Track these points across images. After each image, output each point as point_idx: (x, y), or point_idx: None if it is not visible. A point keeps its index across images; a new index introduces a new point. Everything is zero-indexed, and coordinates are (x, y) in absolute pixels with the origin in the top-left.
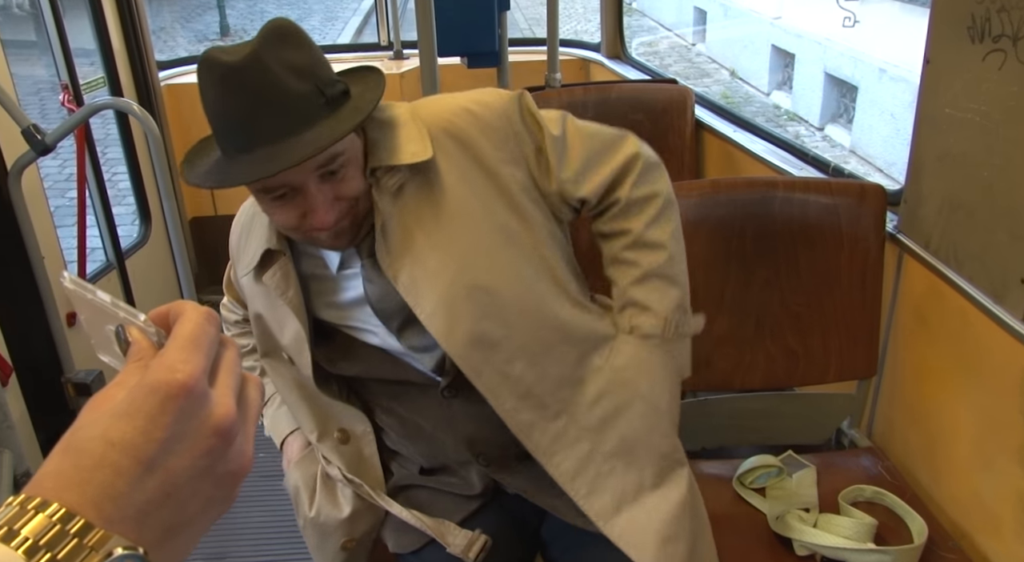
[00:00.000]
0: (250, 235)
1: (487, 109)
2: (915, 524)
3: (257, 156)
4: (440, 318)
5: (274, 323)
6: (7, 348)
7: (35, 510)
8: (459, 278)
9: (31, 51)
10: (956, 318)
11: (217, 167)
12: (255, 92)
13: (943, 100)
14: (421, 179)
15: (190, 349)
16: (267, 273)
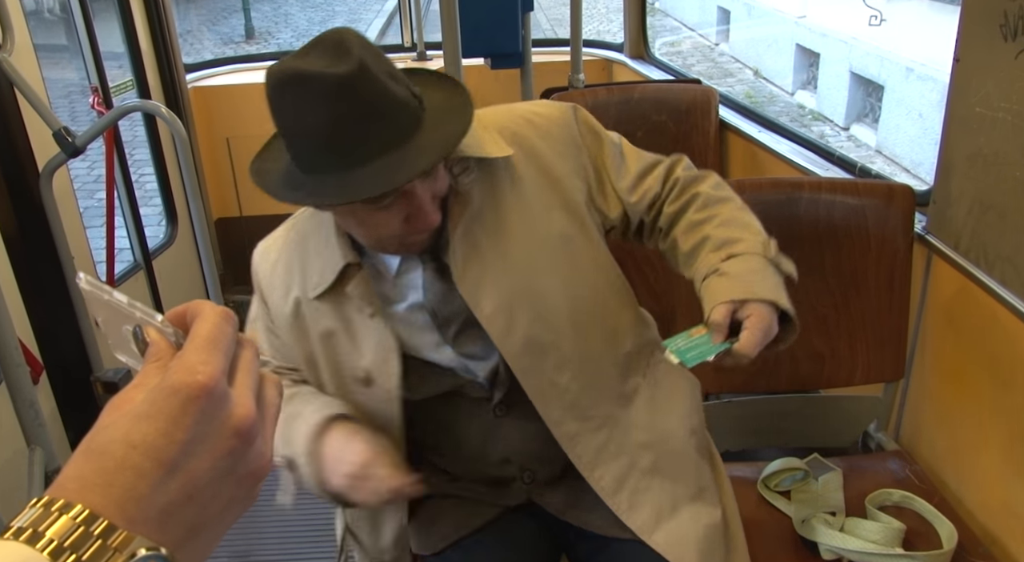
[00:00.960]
0: (305, 258)
1: (546, 119)
2: (944, 529)
3: (378, 167)
4: (499, 319)
5: (349, 341)
6: (38, 347)
7: (59, 512)
8: (519, 282)
9: (62, 55)
10: (986, 320)
11: (324, 183)
12: (368, 103)
13: (974, 99)
14: (488, 182)
15: (209, 350)
16: (348, 287)
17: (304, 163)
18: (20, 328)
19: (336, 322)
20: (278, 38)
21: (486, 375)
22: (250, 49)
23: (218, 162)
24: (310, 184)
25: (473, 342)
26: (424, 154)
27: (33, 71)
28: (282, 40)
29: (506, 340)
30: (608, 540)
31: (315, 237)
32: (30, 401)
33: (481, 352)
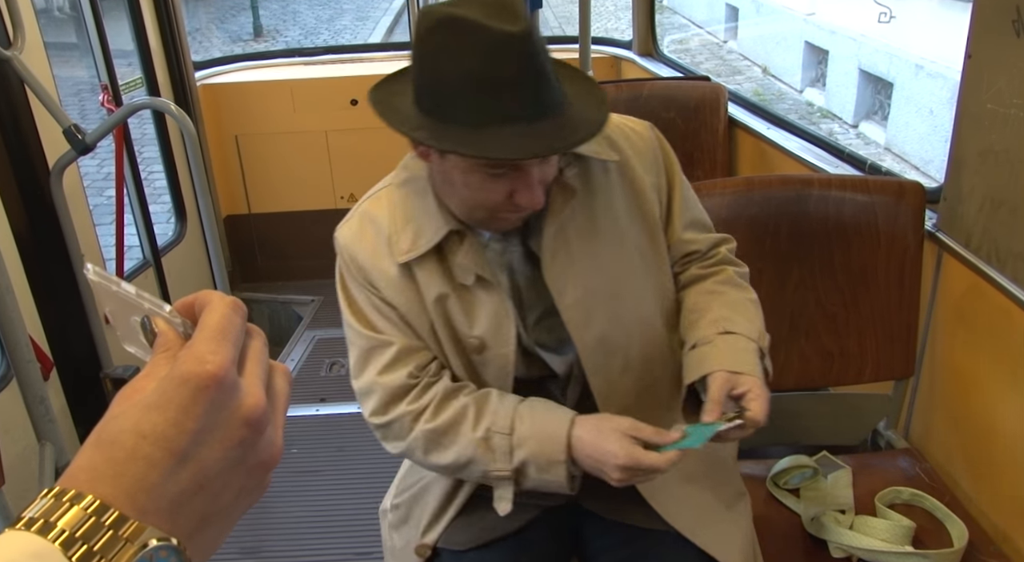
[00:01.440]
0: (403, 226)
1: (637, 134)
2: (955, 528)
3: (540, 129)
4: (579, 312)
5: (461, 308)
6: (48, 343)
7: (70, 502)
8: (600, 282)
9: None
10: (998, 318)
11: (478, 136)
12: (534, 66)
13: (985, 95)
14: (588, 181)
15: (218, 339)
16: (458, 254)
17: (451, 112)
18: (30, 325)
19: (447, 288)
20: (286, 36)
21: (563, 371)
22: (258, 47)
23: (227, 159)
24: (461, 134)
25: (548, 332)
26: (578, 128)
27: (44, 69)
28: (290, 38)
29: (583, 333)
30: (644, 531)
31: (406, 205)
32: (40, 397)
33: (553, 344)
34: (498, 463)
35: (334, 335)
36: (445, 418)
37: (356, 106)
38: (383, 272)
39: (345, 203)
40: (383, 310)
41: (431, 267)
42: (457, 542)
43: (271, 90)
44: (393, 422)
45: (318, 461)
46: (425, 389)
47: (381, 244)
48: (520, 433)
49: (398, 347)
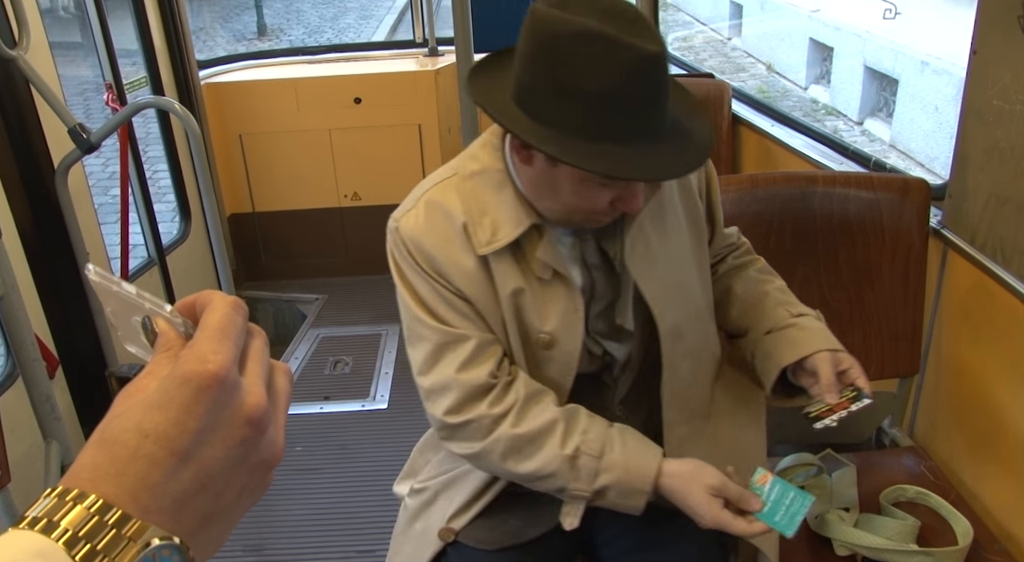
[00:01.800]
0: (477, 218)
1: None
2: (960, 525)
3: (661, 149)
4: (661, 298)
5: (534, 303)
6: (53, 342)
7: (73, 502)
8: (673, 273)
9: (77, 52)
10: (1004, 315)
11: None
12: (664, 85)
13: (991, 92)
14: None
15: (220, 339)
16: (538, 250)
17: (578, 124)
18: (36, 323)
19: (523, 282)
20: (290, 35)
21: (623, 358)
22: (262, 46)
23: (231, 158)
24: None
25: (607, 323)
26: (699, 147)
27: (48, 68)
28: (294, 36)
29: (663, 317)
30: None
31: (480, 196)
32: (46, 395)
33: (612, 334)
34: (580, 483)
35: (338, 333)
36: (532, 427)
37: (360, 104)
38: (457, 263)
39: (349, 201)
40: (455, 303)
41: (507, 260)
42: (477, 540)
43: (275, 89)
44: (471, 422)
45: (321, 459)
46: (505, 390)
47: (455, 234)
48: (609, 459)
49: (476, 342)
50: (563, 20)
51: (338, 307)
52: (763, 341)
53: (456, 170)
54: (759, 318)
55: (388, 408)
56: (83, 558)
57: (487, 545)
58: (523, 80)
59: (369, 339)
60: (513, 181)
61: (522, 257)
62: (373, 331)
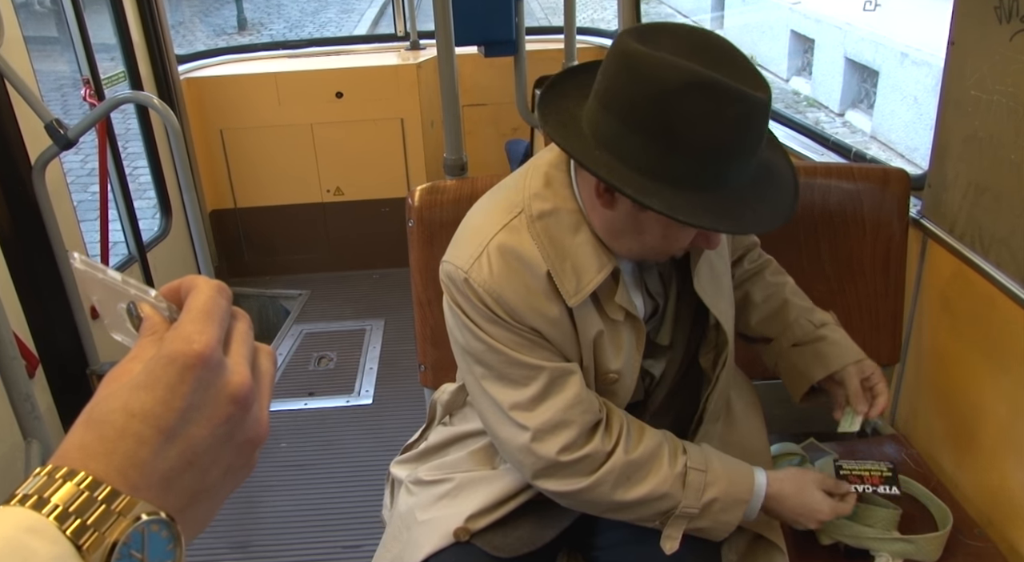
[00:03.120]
0: (559, 265)
1: None
2: (940, 512)
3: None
4: (727, 317)
5: (611, 343)
6: (33, 341)
7: (63, 479)
8: (724, 289)
9: (53, 47)
10: (982, 304)
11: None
12: (765, 130)
13: (969, 82)
14: None
15: (204, 320)
16: (616, 293)
17: (681, 173)
18: (15, 322)
19: (602, 324)
20: (271, 29)
21: (659, 373)
22: (243, 41)
23: (212, 154)
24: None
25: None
26: (784, 188)
27: (24, 63)
28: (275, 31)
29: (730, 336)
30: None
31: (557, 239)
32: (26, 395)
33: (651, 351)
34: (689, 499)
35: (322, 329)
36: (643, 451)
37: (341, 99)
38: (542, 313)
39: (331, 196)
40: (538, 341)
41: (588, 305)
42: (493, 546)
43: (256, 83)
44: (586, 458)
45: (306, 455)
46: (610, 421)
47: (537, 283)
48: (715, 471)
49: (579, 378)
50: (670, 66)
51: (321, 303)
52: (790, 353)
53: (521, 208)
54: (782, 328)
55: (372, 403)
56: (74, 532)
57: (502, 552)
58: (613, 125)
59: (353, 334)
60: (587, 221)
61: (598, 300)
62: (357, 326)
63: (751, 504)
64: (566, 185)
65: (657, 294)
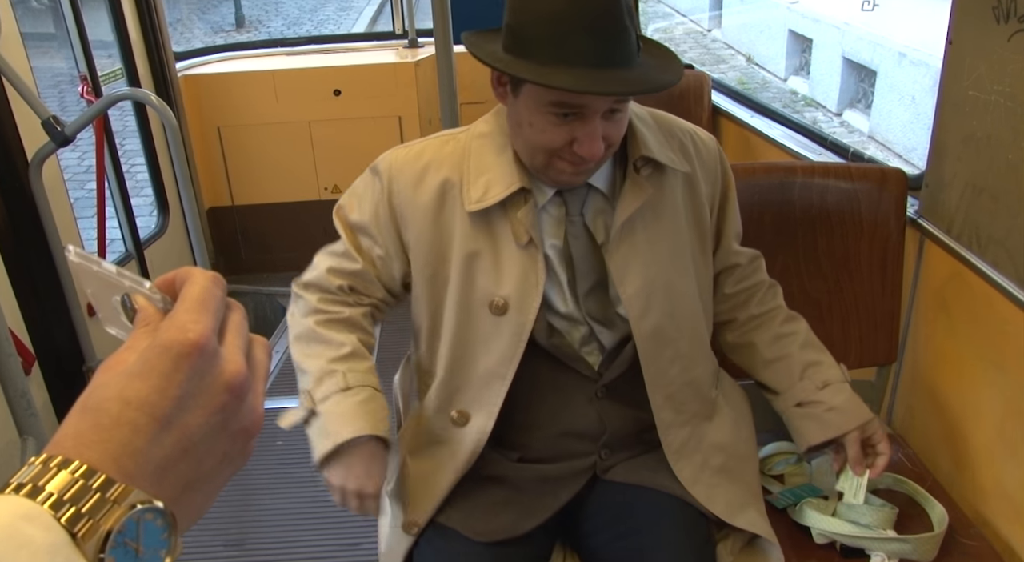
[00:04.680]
0: (469, 172)
1: (704, 144)
2: (935, 512)
3: (593, 75)
4: (639, 302)
5: (493, 266)
6: (29, 338)
7: (57, 467)
8: (660, 276)
9: (50, 44)
10: (979, 304)
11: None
12: (617, 13)
13: (967, 82)
14: (658, 183)
15: (199, 310)
16: (520, 211)
17: (530, 49)
18: (11, 319)
19: (484, 244)
20: (269, 26)
21: (612, 345)
22: (241, 38)
23: (209, 151)
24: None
25: (600, 306)
26: (646, 83)
27: (21, 60)
28: (273, 28)
29: (640, 322)
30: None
31: (482, 156)
32: (22, 391)
33: (603, 318)
34: (315, 393)
35: None
36: (328, 334)
37: (339, 96)
38: (415, 209)
39: (329, 194)
40: (378, 240)
41: (478, 221)
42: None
43: (253, 81)
44: (300, 299)
45: (302, 453)
46: (340, 303)
47: (433, 186)
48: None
49: (360, 268)
50: None
51: None
52: (792, 413)
53: (469, 129)
54: (787, 385)
55: None
56: (68, 520)
57: (483, 537)
58: (504, 21)
59: None
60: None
61: (496, 219)
62: None
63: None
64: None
65: (579, 243)
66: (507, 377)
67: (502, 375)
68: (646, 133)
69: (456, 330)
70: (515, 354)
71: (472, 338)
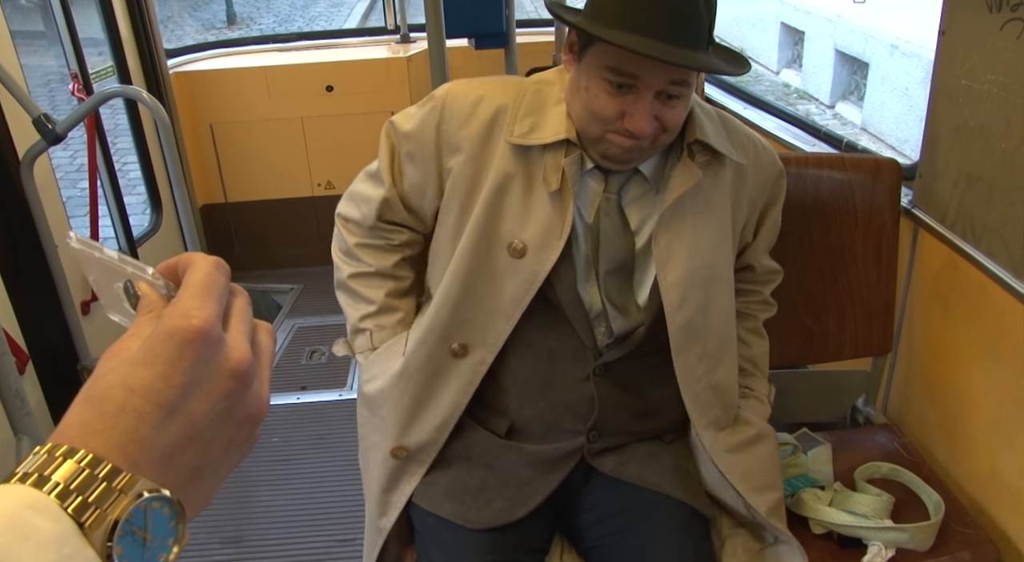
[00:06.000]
0: (520, 111)
1: (764, 151)
2: (932, 500)
3: (654, 44)
4: (678, 291)
5: (522, 203)
6: (23, 337)
7: (63, 457)
8: (701, 269)
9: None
10: (974, 293)
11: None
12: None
13: (959, 72)
14: (713, 173)
15: (202, 296)
16: (567, 159)
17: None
18: (4, 318)
19: (518, 182)
20: (260, 23)
21: (622, 332)
22: (232, 35)
23: (202, 148)
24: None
25: (618, 290)
26: (708, 66)
27: (10, 58)
28: (264, 25)
29: (677, 312)
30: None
31: (537, 99)
32: (16, 390)
33: (620, 303)
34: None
35: (314, 323)
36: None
37: (332, 92)
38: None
39: (322, 190)
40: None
41: (517, 158)
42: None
43: (246, 77)
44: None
45: (299, 449)
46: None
47: (484, 115)
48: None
49: (385, 194)
50: None
51: (313, 297)
52: None
53: (531, 78)
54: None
55: None
56: (75, 510)
57: (475, 524)
58: None
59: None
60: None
61: (535, 164)
62: None
63: None
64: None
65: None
66: (512, 317)
67: (507, 315)
68: (706, 122)
69: (471, 262)
70: (524, 298)
71: (485, 273)
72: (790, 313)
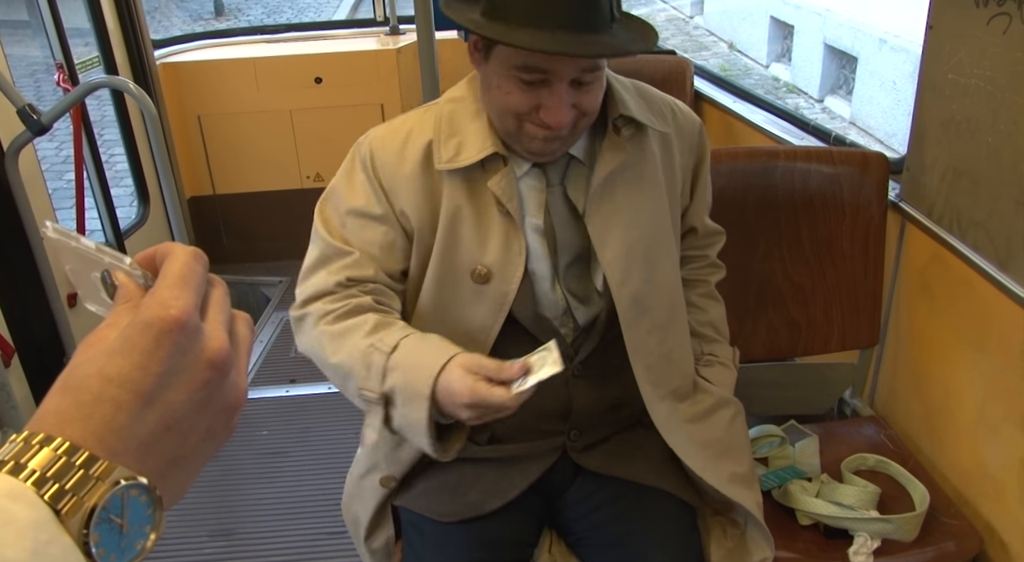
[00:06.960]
0: (444, 136)
1: (684, 117)
2: (917, 492)
3: (558, 37)
4: (619, 266)
5: (476, 230)
6: (8, 329)
7: (40, 444)
8: (640, 241)
9: (24, 31)
10: (960, 286)
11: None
12: None
13: (947, 66)
14: (639, 146)
15: (180, 286)
16: (493, 179)
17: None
18: None
19: (467, 209)
20: (248, 14)
21: (586, 322)
22: (220, 26)
23: (190, 140)
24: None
25: (577, 280)
26: (612, 48)
27: None
28: (252, 16)
29: (621, 288)
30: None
31: (454, 119)
32: (1, 383)
33: (581, 293)
34: (371, 381)
35: None
36: (345, 324)
37: (321, 84)
38: (405, 177)
39: (311, 183)
40: (370, 222)
41: (459, 183)
42: (439, 514)
43: (234, 69)
44: (305, 317)
45: (288, 442)
46: (346, 297)
47: (416, 151)
48: (397, 358)
49: (356, 258)
50: None
51: None
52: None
53: (440, 100)
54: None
55: None
56: (52, 497)
57: (448, 518)
58: None
59: None
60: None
61: (478, 186)
62: None
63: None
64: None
65: (559, 216)
66: (486, 344)
67: (481, 342)
68: (626, 96)
69: (438, 293)
70: (495, 322)
71: (453, 303)
72: (778, 306)
